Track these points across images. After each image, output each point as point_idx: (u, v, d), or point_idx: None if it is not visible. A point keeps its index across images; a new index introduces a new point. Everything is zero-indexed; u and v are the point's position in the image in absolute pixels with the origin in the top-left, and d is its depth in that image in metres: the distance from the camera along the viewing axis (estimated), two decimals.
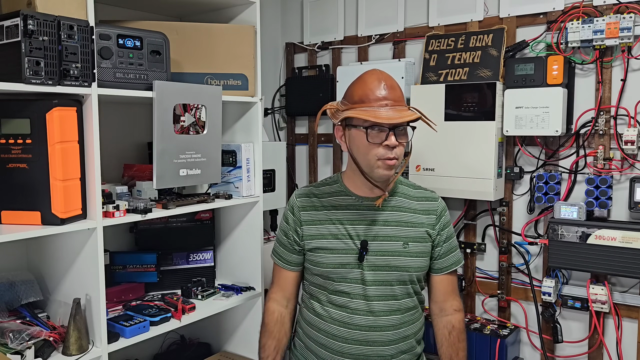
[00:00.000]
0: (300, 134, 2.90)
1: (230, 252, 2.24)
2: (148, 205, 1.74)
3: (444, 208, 1.67)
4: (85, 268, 1.64)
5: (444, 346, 1.66)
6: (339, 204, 1.62)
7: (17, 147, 1.49)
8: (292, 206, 1.68)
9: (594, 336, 2.07)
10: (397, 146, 1.49)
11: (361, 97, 1.51)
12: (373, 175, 1.53)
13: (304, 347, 1.69)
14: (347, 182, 1.64)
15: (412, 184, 1.70)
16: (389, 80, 1.52)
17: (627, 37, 1.90)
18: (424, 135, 2.21)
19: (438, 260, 1.64)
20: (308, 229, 1.62)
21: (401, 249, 1.57)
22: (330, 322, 1.59)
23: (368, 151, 1.49)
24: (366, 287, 1.56)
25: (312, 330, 1.64)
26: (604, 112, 2.01)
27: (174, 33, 1.88)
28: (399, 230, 1.59)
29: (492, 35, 2.20)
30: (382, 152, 1.48)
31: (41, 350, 1.54)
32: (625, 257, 1.89)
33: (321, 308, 1.62)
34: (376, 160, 1.49)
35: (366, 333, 1.56)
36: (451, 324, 1.66)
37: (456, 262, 1.67)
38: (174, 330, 2.20)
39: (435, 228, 1.62)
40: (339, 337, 1.58)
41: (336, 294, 1.58)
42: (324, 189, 1.67)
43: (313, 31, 2.79)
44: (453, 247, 1.67)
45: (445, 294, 1.67)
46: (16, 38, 1.38)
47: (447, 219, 1.67)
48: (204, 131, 1.87)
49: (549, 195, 2.09)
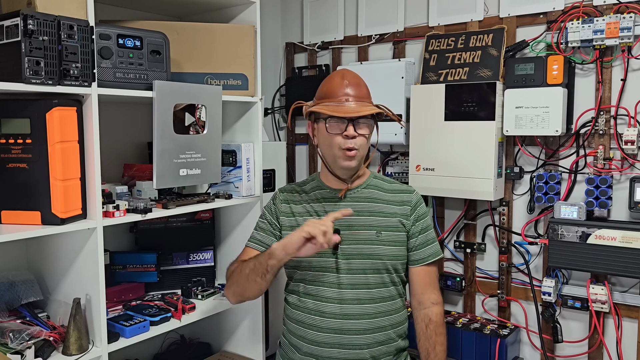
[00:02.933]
0: (300, 134, 2.90)
1: (230, 252, 2.24)
2: (148, 205, 1.74)
3: (418, 200, 1.71)
4: (85, 268, 1.64)
5: (421, 340, 1.67)
6: (316, 197, 1.70)
7: (17, 147, 1.49)
8: (274, 198, 1.77)
9: (594, 336, 2.07)
10: (357, 137, 1.58)
11: (325, 93, 1.63)
12: (337, 166, 1.63)
13: (287, 343, 1.71)
14: (322, 177, 1.73)
15: (387, 178, 1.76)
16: (353, 79, 1.64)
17: (627, 37, 1.90)
18: (424, 135, 2.22)
19: (415, 251, 1.67)
20: (287, 220, 1.69)
21: (374, 237, 1.62)
22: (307, 312, 1.63)
23: (329, 141, 1.60)
24: (339, 276, 1.60)
25: (292, 324, 1.67)
26: (604, 112, 2.01)
27: (174, 33, 1.88)
28: (371, 219, 1.64)
29: (492, 35, 2.20)
30: (342, 141, 1.58)
31: (41, 350, 1.54)
32: (625, 257, 1.89)
33: (298, 300, 1.65)
34: (338, 149, 1.59)
35: (339, 321, 1.58)
36: (428, 317, 1.66)
37: (433, 254, 1.69)
38: (174, 330, 2.20)
39: (409, 218, 1.66)
40: (313, 326, 1.61)
41: (312, 283, 1.63)
42: (305, 186, 1.76)
43: (313, 31, 2.79)
44: (430, 239, 1.69)
45: (423, 286, 1.68)
46: (16, 38, 1.38)
47: (422, 210, 1.70)
48: (204, 131, 1.87)
49: (549, 195, 2.09)
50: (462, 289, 2.34)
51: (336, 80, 1.63)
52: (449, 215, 2.40)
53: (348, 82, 1.61)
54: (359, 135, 1.58)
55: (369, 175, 1.72)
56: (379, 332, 1.60)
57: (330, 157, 1.63)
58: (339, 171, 1.64)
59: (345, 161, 1.60)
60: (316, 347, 1.60)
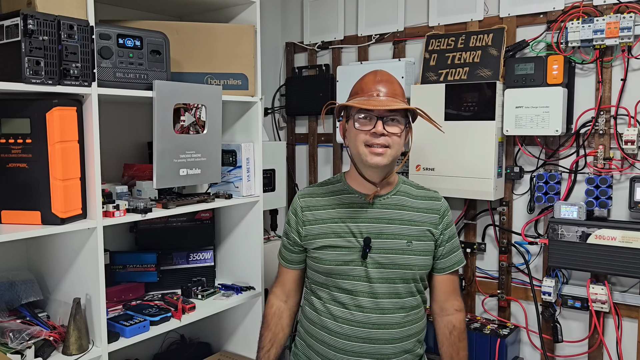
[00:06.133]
0: (300, 134, 2.90)
1: (230, 252, 2.24)
2: (148, 204, 1.74)
3: (447, 208, 1.68)
4: (85, 268, 1.64)
5: (444, 346, 1.66)
6: (341, 202, 1.63)
7: (17, 147, 1.49)
8: (294, 207, 1.69)
9: (594, 336, 2.07)
10: (386, 135, 1.51)
11: (357, 90, 1.59)
12: (364, 165, 1.56)
13: (305, 345, 1.69)
14: (349, 180, 1.65)
15: (415, 184, 1.71)
16: (385, 76, 1.58)
17: (627, 36, 1.90)
18: (424, 135, 2.21)
19: (440, 259, 1.64)
20: (311, 229, 1.63)
21: (405, 247, 1.57)
22: (332, 319, 1.59)
23: (356, 137, 1.54)
24: (372, 285, 1.56)
25: (314, 327, 1.65)
26: (604, 112, 2.01)
27: (174, 33, 1.88)
28: (403, 228, 1.59)
29: (492, 35, 2.20)
30: (369, 138, 1.52)
31: (41, 349, 1.54)
32: (625, 256, 1.89)
33: (322, 305, 1.62)
34: (364, 147, 1.52)
35: (370, 330, 1.56)
36: (452, 323, 1.66)
37: (458, 262, 1.67)
38: (174, 330, 2.20)
39: (438, 227, 1.63)
40: (341, 334, 1.58)
41: (339, 291, 1.59)
42: (327, 188, 1.68)
43: (313, 31, 2.79)
44: (455, 247, 1.67)
45: (446, 294, 1.68)
46: (16, 38, 1.38)
47: (449, 218, 1.67)
48: (204, 131, 1.87)
49: (549, 195, 2.09)
50: (462, 288, 2.34)
51: (368, 77, 1.58)
52: None
53: (380, 79, 1.56)
54: (388, 133, 1.51)
55: (398, 181, 1.66)
56: (406, 341, 1.59)
57: (357, 155, 1.56)
58: (367, 171, 1.57)
59: (373, 158, 1.52)
60: (342, 356, 1.58)
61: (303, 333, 1.70)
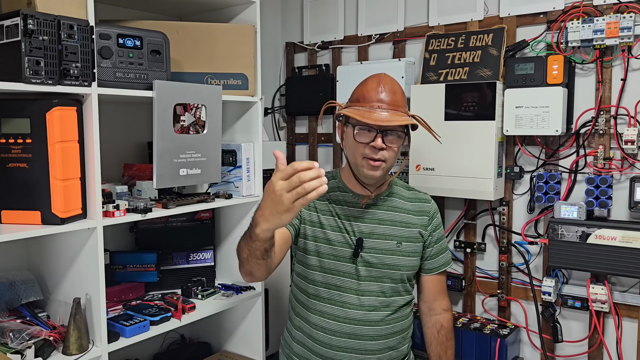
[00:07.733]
0: (300, 134, 2.89)
1: (230, 252, 2.24)
2: (148, 204, 1.74)
3: (435, 210, 1.71)
4: (85, 268, 1.64)
5: (432, 345, 1.70)
6: (337, 199, 1.65)
7: (17, 147, 1.49)
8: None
9: (594, 336, 2.07)
10: (385, 149, 1.50)
11: (358, 96, 1.55)
12: (360, 174, 1.57)
13: (291, 338, 1.71)
14: (344, 179, 1.67)
15: (406, 185, 1.74)
16: (389, 85, 1.54)
17: (627, 36, 1.90)
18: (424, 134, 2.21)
19: (429, 260, 1.68)
20: (309, 215, 1.64)
21: (395, 247, 1.60)
22: (319, 314, 1.61)
23: (355, 149, 1.53)
24: (360, 283, 1.59)
25: (301, 321, 1.67)
26: (604, 112, 2.01)
27: (174, 33, 1.87)
28: (393, 229, 1.62)
29: (492, 35, 2.20)
30: (367, 152, 1.51)
31: (41, 349, 1.54)
32: (625, 256, 1.89)
33: (308, 301, 1.64)
34: (361, 158, 1.52)
35: (354, 326, 1.58)
36: (440, 323, 1.70)
37: (445, 263, 1.71)
38: (174, 330, 2.20)
39: (427, 229, 1.66)
40: (327, 330, 1.60)
41: (326, 286, 1.61)
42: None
43: (313, 31, 2.79)
44: (443, 248, 1.71)
45: (434, 294, 1.71)
46: (16, 38, 1.38)
47: (438, 220, 1.71)
48: (204, 131, 1.87)
49: (549, 194, 2.09)
50: (462, 288, 2.34)
51: (372, 84, 1.54)
52: (449, 215, 2.40)
53: (383, 88, 1.52)
54: (387, 147, 1.50)
55: (391, 182, 1.68)
56: (391, 338, 1.61)
57: (353, 163, 1.57)
58: (362, 178, 1.60)
59: (369, 171, 1.53)
60: (327, 350, 1.60)
61: (290, 326, 1.72)
